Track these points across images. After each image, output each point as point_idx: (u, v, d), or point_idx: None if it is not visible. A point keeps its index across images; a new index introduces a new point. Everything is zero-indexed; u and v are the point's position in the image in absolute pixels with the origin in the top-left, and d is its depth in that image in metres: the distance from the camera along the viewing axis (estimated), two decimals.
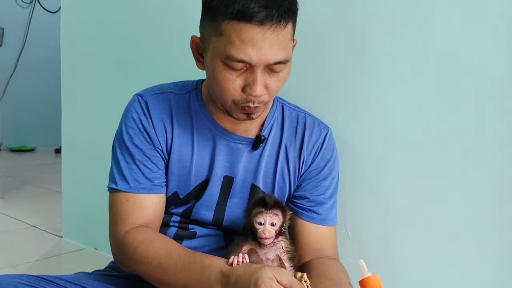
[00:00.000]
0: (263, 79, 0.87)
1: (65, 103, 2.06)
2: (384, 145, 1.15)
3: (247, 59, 0.84)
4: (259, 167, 1.03)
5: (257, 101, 0.89)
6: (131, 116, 1.00)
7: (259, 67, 0.85)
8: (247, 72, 0.87)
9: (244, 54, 0.83)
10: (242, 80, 0.87)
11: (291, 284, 0.75)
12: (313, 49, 1.22)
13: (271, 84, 0.89)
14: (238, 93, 0.88)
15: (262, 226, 0.87)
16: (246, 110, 0.91)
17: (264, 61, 0.84)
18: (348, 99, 1.19)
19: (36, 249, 1.95)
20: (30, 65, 4.51)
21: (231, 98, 0.90)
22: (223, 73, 0.87)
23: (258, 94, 0.87)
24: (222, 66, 0.87)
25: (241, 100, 0.89)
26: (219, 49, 0.85)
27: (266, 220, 0.87)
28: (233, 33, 0.83)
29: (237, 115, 0.94)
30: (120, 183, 0.98)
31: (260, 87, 0.87)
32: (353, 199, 1.19)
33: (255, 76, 0.86)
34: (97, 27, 1.86)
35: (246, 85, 0.87)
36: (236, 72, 0.87)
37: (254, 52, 0.83)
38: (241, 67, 0.86)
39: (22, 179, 3.34)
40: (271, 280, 0.74)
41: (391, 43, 1.11)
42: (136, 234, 0.94)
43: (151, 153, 0.99)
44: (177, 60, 1.54)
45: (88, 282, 0.96)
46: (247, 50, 0.83)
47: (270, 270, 0.76)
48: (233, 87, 0.88)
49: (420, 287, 1.13)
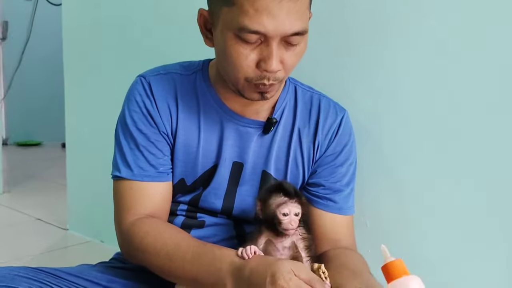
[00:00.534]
0: (279, 53, 0.80)
1: (68, 96, 2.04)
2: (403, 128, 1.09)
3: (262, 30, 0.76)
4: (270, 153, 0.97)
5: (273, 77, 0.82)
6: (134, 99, 0.94)
7: (275, 39, 0.78)
8: (261, 46, 0.79)
9: (259, 24, 0.75)
10: (256, 54, 0.80)
11: (310, 280, 0.69)
12: (327, 24, 1.16)
13: (287, 59, 0.82)
14: (252, 69, 0.81)
15: (287, 217, 0.80)
16: (260, 89, 0.84)
17: (280, 31, 0.77)
18: (364, 79, 1.13)
19: (41, 242, 1.93)
20: (35, 58, 4.47)
21: (244, 75, 0.82)
22: (236, 47, 0.79)
23: (274, 69, 0.80)
24: (234, 40, 0.79)
25: (255, 77, 0.82)
26: (231, 20, 0.78)
27: (291, 211, 0.80)
28: (246, 1, 0.75)
29: (250, 94, 0.86)
30: (124, 170, 0.92)
31: (276, 62, 0.79)
32: (371, 185, 1.13)
33: (270, 50, 0.78)
34: (99, 17, 1.83)
35: (260, 60, 0.80)
36: (249, 46, 0.79)
37: (270, 21, 0.75)
38: (255, 40, 0.78)
39: (28, 173, 3.35)
40: (289, 274, 0.68)
41: (415, 19, 1.05)
42: (142, 224, 0.89)
43: (156, 137, 0.93)
44: (182, 46, 1.50)
45: (90, 274, 0.91)
46: (262, 19, 0.75)
47: (288, 264, 0.70)
48: (246, 62, 0.80)
49: (444, 278, 1.07)
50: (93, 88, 1.89)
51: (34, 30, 4.46)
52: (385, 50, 1.10)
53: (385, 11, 1.09)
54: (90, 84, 1.91)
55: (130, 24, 1.71)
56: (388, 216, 1.12)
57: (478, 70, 0.98)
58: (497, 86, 0.97)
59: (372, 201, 1.13)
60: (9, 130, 4.43)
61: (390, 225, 1.12)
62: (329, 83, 1.14)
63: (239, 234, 0.97)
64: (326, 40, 1.17)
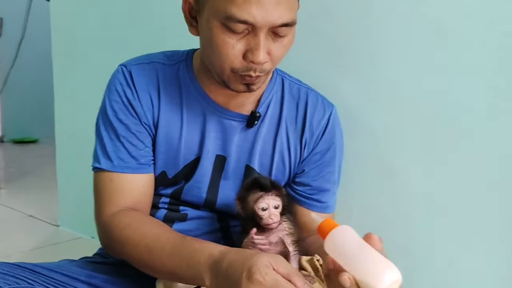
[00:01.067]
0: (267, 44, 0.77)
1: (57, 93, 2.02)
2: (393, 117, 1.08)
3: (250, 20, 0.74)
4: (254, 147, 0.94)
5: (259, 69, 0.79)
6: (115, 89, 0.92)
7: (262, 30, 0.75)
8: (248, 36, 0.77)
9: (248, 14, 0.73)
10: (243, 45, 0.77)
11: (288, 273, 0.66)
12: (314, 15, 1.14)
13: (274, 51, 0.79)
14: (239, 60, 0.79)
15: (266, 211, 0.78)
16: (246, 80, 0.82)
17: (269, 22, 0.75)
18: (353, 69, 1.11)
19: (31, 238, 1.91)
20: (30, 55, 4.46)
21: (230, 66, 0.80)
22: (222, 37, 0.77)
23: (261, 61, 0.77)
24: (221, 29, 0.76)
25: (241, 68, 0.79)
26: (218, 8, 0.75)
27: (269, 204, 0.79)
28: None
29: (235, 86, 0.84)
30: (104, 161, 0.90)
31: (263, 53, 0.77)
32: (360, 177, 1.12)
33: (258, 40, 0.76)
34: (86, 10, 1.81)
35: (247, 51, 0.77)
36: (236, 36, 0.77)
37: (259, 11, 0.73)
38: (242, 30, 0.76)
39: (24, 170, 3.32)
40: (266, 268, 0.65)
41: (401, 5, 1.04)
42: (122, 216, 0.87)
43: (137, 128, 0.91)
44: (170, 33, 1.47)
45: (70, 269, 0.89)
46: (250, 9, 0.73)
47: (266, 257, 0.67)
48: (232, 52, 0.78)
49: (437, 269, 1.07)
50: (81, 84, 1.88)
51: (29, 27, 4.46)
52: (372, 40, 1.09)
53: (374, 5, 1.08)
54: (78, 80, 1.90)
55: (115, 14, 1.69)
56: (378, 208, 1.11)
57: (472, 53, 0.97)
58: (494, 84, 0.96)
59: (361, 193, 1.13)
60: (5, 128, 4.44)
61: (378, 219, 1.11)
62: (316, 73, 1.13)
63: (223, 227, 0.96)
64: (312, 31, 1.15)
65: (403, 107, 1.06)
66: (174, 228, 0.92)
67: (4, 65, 4.36)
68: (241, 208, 0.83)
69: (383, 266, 0.60)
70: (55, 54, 2.00)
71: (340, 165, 1.02)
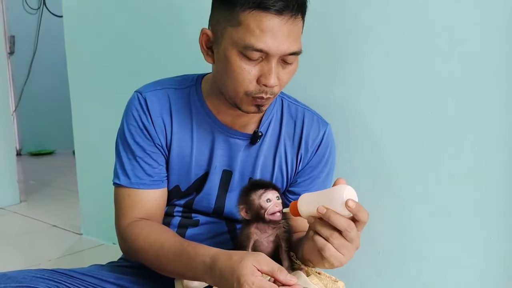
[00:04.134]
0: (277, 70, 0.90)
1: (74, 105, 2.10)
2: (381, 124, 1.17)
3: (265, 48, 0.86)
4: (257, 162, 1.05)
5: (270, 92, 0.91)
6: (131, 114, 1.03)
7: (275, 57, 0.88)
8: (262, 63, 0.89)
9: (263, 43, 0.85)
10: (257, 70, 0.89)
11: (272, 270, 0.76)
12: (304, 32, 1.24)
13: (283, 76, 0.91)
14: (253, 84, 0.90)
15: (271, 202, 0.89)
16: (258, 102, 0.93)
17: (281, 50, 0.87)
18: (341, 81, 1.21)
19: (57, 247, 2.02)
20: (43, 69, 4.56)
21: (245, 89, 0.91)
22: (240, 63, 0.88)
23: (273, 84, 0.89)
24: (239, 56, 0.88)
25: (254, 91, 0.91)
26: (237, 39, 0.87)
27: (272, 196, 0.89)
28: (253, 22, 0.85)
29: (247, 107, 0.95)
30: (123, 178, 1.02)
31: (274, 78, 0.89)
32: (352, 183, 1.20)
33: (270, 66, 0.88)
34: (99, 27, 1.90)
35: (261, 76, 0.89)
36: (252, 62, 0.88)
37: (273, 41, 0.85)
38: (258, 57, 0.87)
39: (43, 181, 3.42)
40: (252, 276, 0.75)
41: (382, 21, 1.13)
42: (134, 227, 0.99)
43: (151, 149, 1.02)
44: (181, 55, 1.58)
45: (101, 273, 1.01)
46: (266, 39, 0.85)
47: (250, 262, 0.76)
48: (248, 77, 0.89)
49: (436, 269, 1.15)
50: (98, 95, 1.96)
51: (40, 42, 4.55)
52: (357, 52, 1.18)
53: (354, 13, 1.17)
54: (95, 91, 1.97)
55: (131, 30, 1.77)
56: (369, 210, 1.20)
57: (449, 62, 1.05)
58: (464, 77, 1.04)
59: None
60: (22, 141, 4.57)
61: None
62: (307, 85, 1.23)
63: (230, 230, 1.08)
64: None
65: (397, 113, 1.14)
66: (188, 232, 1.05)
67: (18, 82, 4.47)
68: (245, 211, 0.92)
69: (338, 189, 0.80)
70: (70, 68, 2.08)
71: (330, 177, 1.12)
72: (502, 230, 1.04)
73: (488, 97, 1.02)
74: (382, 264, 1.21)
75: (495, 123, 1.02)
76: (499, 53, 1.00)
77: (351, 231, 0.79)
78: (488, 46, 1.01)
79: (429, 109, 1.09)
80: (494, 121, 1.02)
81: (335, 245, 0.80)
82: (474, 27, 1.02)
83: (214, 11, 0.94)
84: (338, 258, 0.80)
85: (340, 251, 0.80)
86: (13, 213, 2.64)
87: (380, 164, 1.18)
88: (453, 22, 1.04)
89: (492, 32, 1.00)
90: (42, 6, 4.51)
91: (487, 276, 1.08)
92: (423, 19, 1.08)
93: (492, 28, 1.00)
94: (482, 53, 1.01)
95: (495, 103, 1.01)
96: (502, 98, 1.01)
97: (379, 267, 1.22)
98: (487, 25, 1.00)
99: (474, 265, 1.09)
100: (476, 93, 1.03)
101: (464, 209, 1.08)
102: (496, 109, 1.02)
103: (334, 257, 0.80)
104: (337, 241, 0.79)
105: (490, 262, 1.07)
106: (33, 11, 4.50)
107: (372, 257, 1.22)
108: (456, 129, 1.06)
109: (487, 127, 1.03)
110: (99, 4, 1.88)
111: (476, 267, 1.09)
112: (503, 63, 1.00)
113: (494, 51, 1.00)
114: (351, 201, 0.77)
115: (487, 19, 1.00)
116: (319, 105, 1.16)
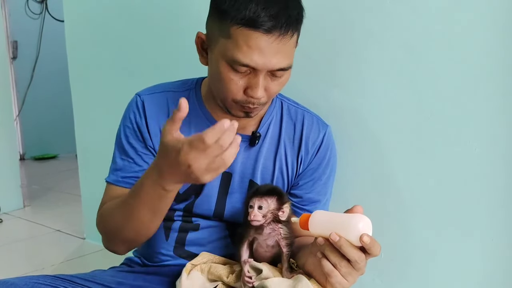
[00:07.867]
0: (265, 82, 0.91)
1: (76, 109, 2.12)
2: (380, 126, 1.17)
3: (252, 64, 0.87)
4: (257, 164, 1.06)
5: (257, 102, 0.93)
6: (128, 116, 1.06)
7: (262, 72, 0.89)
8: (250, 75, 0.90)
9: (250, 60, 0.86)
10: (244, 82, 0.90)
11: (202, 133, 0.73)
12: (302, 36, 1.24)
13: (271, 88, 0.92)
14: (240, 94, 0.92)
15: (252, 209, 0.90)
16: (245, 109, 0.95)
17: (268, 67, 0.88)
18: (340, 83, 1.22)
19: (60, 252, 2.04)
20: (45, 74, 4.60)
21: (232, 97, 0.93)
22: (228, 74, 0.90)
23: (259, 97, 0.91)
24: (227, 68, 0.89)
25: (241, 101, 0.93)
26: (226, 51, 0.88)
27: (255, 204, 0.90)
28: (241, 38, 0.85)
29: (236, 112, 0.97)
30: (112, 176, 1.06)
31: (261, 91, 0.90)
32: (353, 185, 1.22)
33: (257, 80, 0.89)
34: (100, 32, 1.91)
35: (248, 87, 0.91)
36: (239, 74, 0.89)
37: (260, 58, 0.86)
38: (244, 71, 0.89)
39: (46, 186, 3.45)
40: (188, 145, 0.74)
41: (381, 23, 1.13)
42: (102, 207, 1.04)
43: (143, 151, 1.04)
44: (183, 60, 1.58)
45: (102, 278, 1.01)
46: (253, 56, 0.86)
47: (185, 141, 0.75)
48: (235, 88, 0.91)
49: (428, 271, 1.15)
50: (100, 100, 1.97)
51: (43, 47, 4.58)
52: (356, 55, 1.18)
53: (352, 17, 1.17)
54: (96, 95, 1.99)
55: (132, 35, 1.78)
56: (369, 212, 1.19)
57: (447, 65, 1.05)
58: (462, 79, 1.04)
59: (354, 199, 1.22)
60: (25, 146, 4.59)
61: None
62: (306, 88, 1.24)
63: (231, 233, 1.07)
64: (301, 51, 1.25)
65: (397, 115, 1.14)
66: (189, 236, 1.06)
67: (21, 86, 4.49)
68: (245, 210, 0.94)
69: (354, 219, 0.77)
70: (72, 73, 2.09)
71: (332, 179, 1.12)
72: (503, 232, 1.04)
73: (488, 98, 1.02)
74: (384, 267, 1.21)
75: (495, 123, 1.02)
76: (498, 55, 1.00)
77: (360, 263, 0.79)
78: (488, 48, 1.01)
79: (428, 110, 1.09)
80: (494, 121, 1.02)
81: (342, 273, 0.80)
82: (473, 29, 1.02)
83: (209, 17, 0.94)
84: (343, 284, 0.81)
85: (346, 278, 0.80)
86: (17, 218, 2.66)
87: (380, 166, 1.19)
88: (452, 24, 1.04)
89: (491, 35, 1.00)
90: (44, 11, 4.54)
91: (489, 279, 1.07)
92: (422, 22, 1.08)
93: (491, 31, 1.00)
94: (482, 55, 1.02)
95: (495, 104, 1.01)
96: (502, 98, 1.01)
97: (381, 270, 1.22)
98: (486, 27, 1.00)
99: (476, 267, 1.09)
100: (475, 95, 1.03)
101: (464, 209, 1.08)
102: (496, 110, 1.02)
103: (339, 283, 0.81)
104: (345, 269, 0.80)
105: (492, 265, 1.07)
106: (35, 16, 4.53)
107: (374, 260, 1.20)
108: (456, 130, 1.06)
109: (487, 128, 1.03)
110: (100, 9, 1.89)
111: (478, 269, 1.09)
112: (502, 65, 1.00)
113: (493, 53, 1.00)
114: (366, 237, 0.75)
115: (487, 21, 1.00)
116: (318, 107, 1.17)
